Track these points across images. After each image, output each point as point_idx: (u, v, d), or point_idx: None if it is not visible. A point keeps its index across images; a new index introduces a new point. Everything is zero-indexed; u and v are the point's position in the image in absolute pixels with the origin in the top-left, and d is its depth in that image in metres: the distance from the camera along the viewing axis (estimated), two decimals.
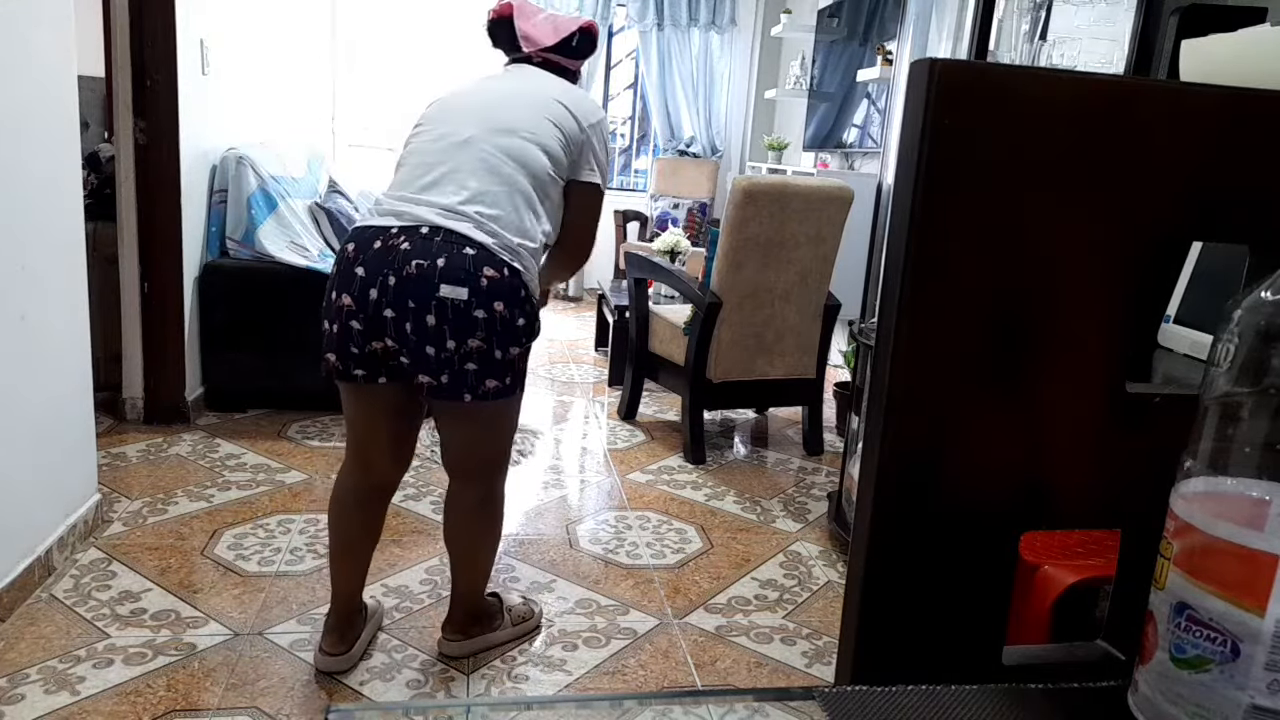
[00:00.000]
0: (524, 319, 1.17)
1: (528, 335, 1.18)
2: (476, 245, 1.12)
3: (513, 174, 1.18)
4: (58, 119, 1.59)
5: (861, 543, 0.40)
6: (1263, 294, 0.32)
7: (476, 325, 1.12)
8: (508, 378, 1.18)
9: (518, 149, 1.19)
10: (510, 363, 1.17)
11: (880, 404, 0.38)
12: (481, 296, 1.12)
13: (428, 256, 1.11)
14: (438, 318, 1.11)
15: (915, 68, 0.36)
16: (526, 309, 1.17)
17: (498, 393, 1.17)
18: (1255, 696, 0.30)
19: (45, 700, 1.24)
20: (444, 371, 1.14)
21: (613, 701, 0.34)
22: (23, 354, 1.49)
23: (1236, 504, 0.32)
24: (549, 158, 1.22)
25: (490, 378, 1.16)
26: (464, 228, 1.13)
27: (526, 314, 1.17)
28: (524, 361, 1.21)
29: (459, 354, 1.13)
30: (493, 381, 1.16)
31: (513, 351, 1.17)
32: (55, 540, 1.58)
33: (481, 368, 1.14)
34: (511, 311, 1.14)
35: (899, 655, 0.40)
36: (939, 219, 0.37)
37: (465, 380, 1.15)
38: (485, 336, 1.13)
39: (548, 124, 1.22)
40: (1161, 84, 0.43)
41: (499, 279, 1.13)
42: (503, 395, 1.18)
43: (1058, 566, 0.65)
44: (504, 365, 1.16)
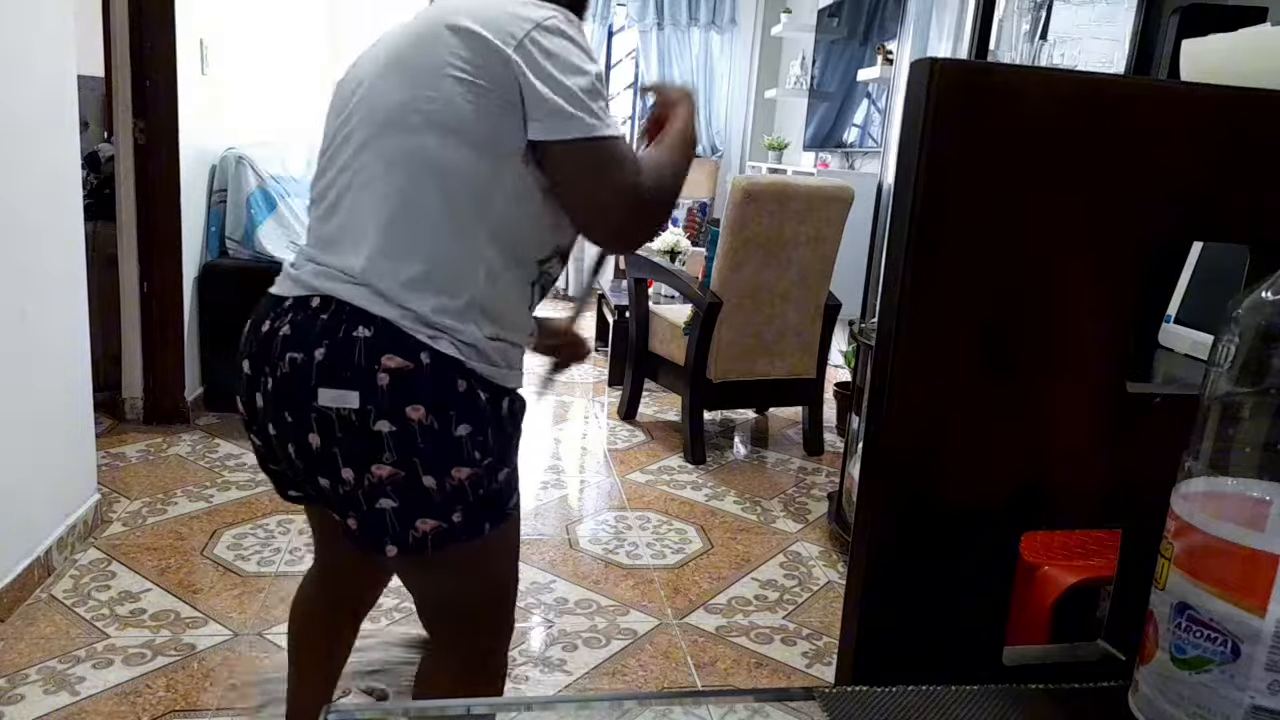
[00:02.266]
0: (468, 423, 0.72)
1: (479, 448, 0.73)
2: (374, 322, 0.70)
3: (415, 194, 0.71)
4: (57, 119, 1.59)
5: (862, 543, 0.40)
6: (1263, 294, 0.32)
7: (380, 445, 0.70)
8: (456, 513, 0.73)
9: (409, 151, 0.71)
10: (457, 491, 0.73)
11: (881, 404, 0.38)
12: (382, 400, 0.70)
13: (304, 346, 0.71)
14: (321, 437, 0.71)
15: (915, 67, 0.36)
16: (470, 407, 0.72)
17: (441, 537, 0.73)
18: (1256, 697, 0.30)
19: (45, 700, 1.24)
20: (349, 513, 0.74)
21: (613, 702, 0.34)
22: (22, 354, 1.49)
23: (1237, 504, 0.32)
24: (463, 134, 0.70)
25: (424, 517, 0.72)
26: (356, 296, 0.71)
27: (471, 413, 0.72)
28: (492, 479, 0.75)
29: (363, 488, 0.72)
30: (429, 522, 0.72)
31: (457, 475, 0.72)
32: (55, 540, 1.58)
33: (405, 504, 0.72)
34: (440, 417, 0.71)
35: (899, 656, 0.40)
36: (939, 219, 0.37)
37: (382, 524, 0.73)
38: (400, 460, 0.71)
39: (446, 79, 0.70)
40: (1162, 84, 0.43)
41: (409, 371, 0.70)
42: (452, 539, 0.73)
43: (1058, 567, 0.65)
44: (448, 496, 0.73)
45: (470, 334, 0.73)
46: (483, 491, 0.75)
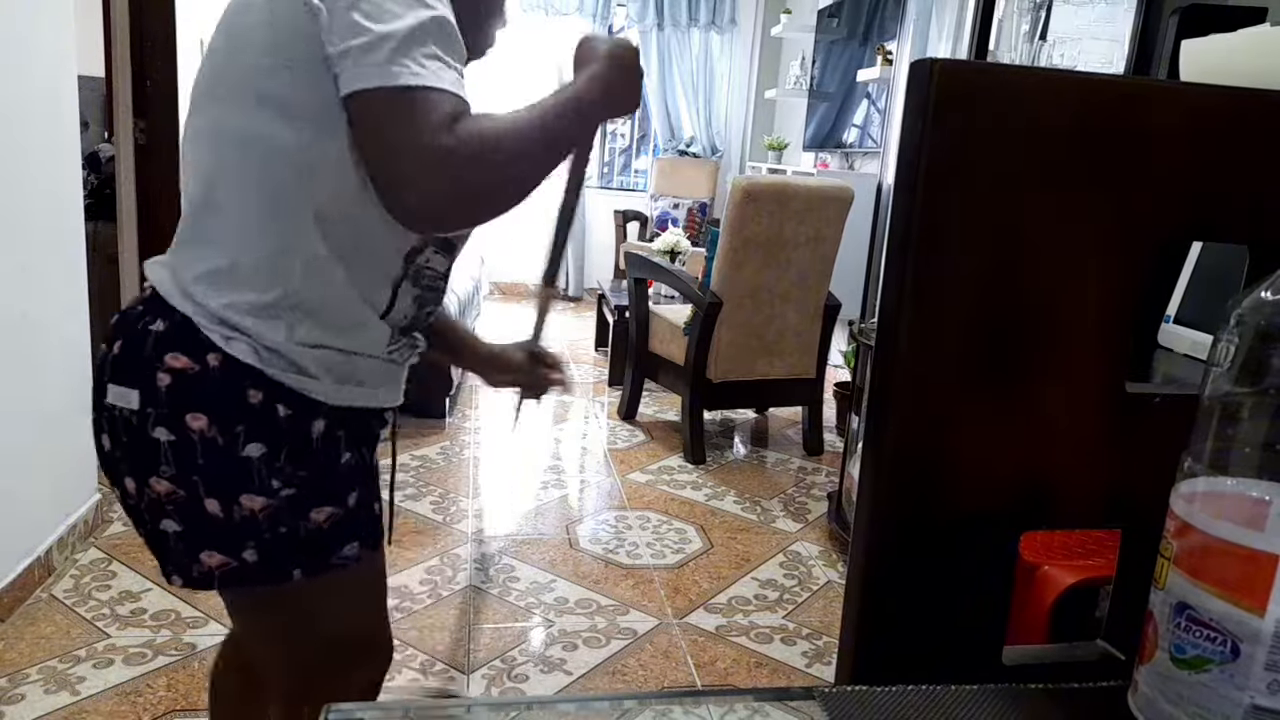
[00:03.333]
0: (260, 442, 0.61)
1: (276, 475, 0.61)
2: (172, 316, 0.61)
3: (219, 174, 0.61)
4: (58, 119, 1.59)
5: (861, 542, 0.40)
6: (1263, 294, 0.32)
7: (159, 455, 0.61)
8: (247, 550, 0.62)
9: (215, 125, 0.62)
10: (247, 523, 0.61)
11: (880, 404, 0.38)
12: (160, 404, 0.60)
13: (110, 338, 0.64)
14: (110, 439, 0.64)
15: (915, 68, 0.36)
16: (264, 424, 0.61)
17: (229, 576, 0.63)
18: (1255, 697, 0.30)
19: (45, 700, 1.24)
20: (139, 530, 0.65)
21: (613, 701, 0.34)
22: (23, 353, 1.49)
23: (1237, 504, 0.32)
24: (275, 103, 0.59)
25: (209, 549, 0.62)
26: (165, 286, 0.63)
27: (266, 432, 0.61)
28: (299, 516, 0.63)
29: (144, 503, 0.63)
30: (215, 556, 0.62)
31: (247, 504, 0.61)
32: (55, 540, 1.58)
33: (187, 530, 0.62)
34: (225, 431, 0.60)
35: (899, 655, 0.40)
36: (939, 219, 0.37)
37: (165, 548, 0.64)
38: (178, 476, 0.61)
39: (254, 41, 0.61)
40: (1162, 84, 0.43)
41: (193, 374, 0.60)
42: (244, 580, 0.63)
43: (1057, 566, 0.65)
44: (236, 528, 0.62)
45: (275, 338, 0.61)
46: (284, 530, 0.62)
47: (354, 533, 0.66)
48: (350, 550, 0.66)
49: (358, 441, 0.66)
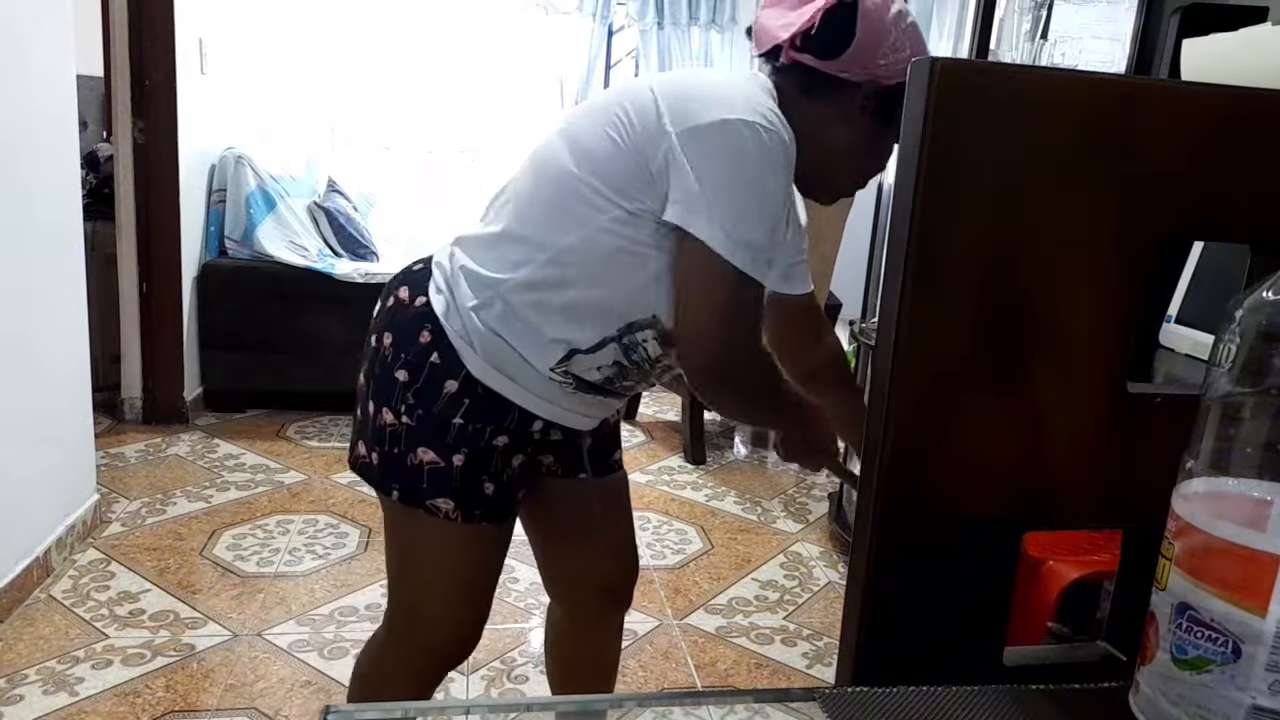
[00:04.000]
0: (407, 370, 0.71)
1: (404, 403, 0.71)
2: (429, 265, 0.77)
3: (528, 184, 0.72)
4: (56, 118, 1.59)
5: (862, 543, 0.39)
6: (1264, 294, 0.32)
7: (364, 354, 0.76)
8: (374, 453, 0.74)
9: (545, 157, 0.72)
10: (379, 432, 0.73)
11: (881, 404, 0.38)
12: (378, 320, 0.76)
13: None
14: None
15: (916, 67, 0.36)
16: (417, 358, 0.71)
17: (361, 468, 0.76)
18: (1257, 697, 0.30)
19: (44, 701, 1.24)
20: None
21: (613, 702, 0.34)
22: (21, 354, 1.49)
23: (1238, 504, 0.32)
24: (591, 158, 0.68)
25: (360, 439, 0.76)
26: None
27: (415, 365, 0.71)
28: (408, 446, 0.72)
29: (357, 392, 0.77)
30: (360, 446, 0.76)
31: (384, 416, 0.72)
32: (54, 541, 1.58)
33: (359, 420, 0.76)
34: (395, 352, 0.72)
35: (900, 656, 0.40)
36: (940, 219, 0.37)
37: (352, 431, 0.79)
38: (365, 373, 0.75)
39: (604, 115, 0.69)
40: (1163, 83, 0.43)
41: (402, 305, 0.74)
42: (366, 475, 0.76)
43: (1062, 561, 0.65)
44: (375, 432, 0.74)
45: (468, 306, 0.71)
46: (396, 451, 0.73)
47: (448, 489, 0.74)
48: (443, 503, 0.74)
49: (485, 419, 0.73)
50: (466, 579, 0.79)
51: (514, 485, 0.77)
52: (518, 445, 0.76)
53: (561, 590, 0.95)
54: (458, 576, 0.79)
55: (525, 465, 0.78)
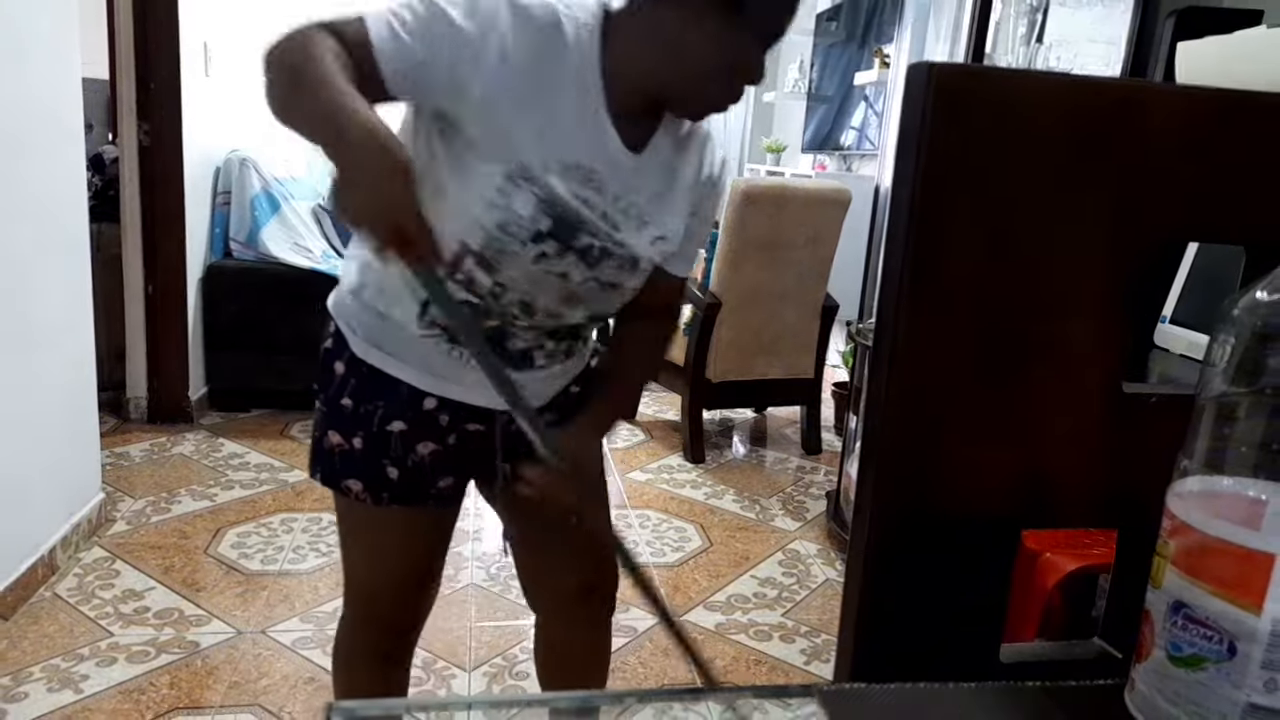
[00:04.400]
0: (318, 364, 0.77)
1: (316, 392, 0.77)
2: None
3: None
4: (62, 121, 1.60)
5: (860, 541, 0.40)
6: (1259, 294, 0.32)
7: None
8: (311, 437, 0.79)
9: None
10: (316, 417, 0.79)
11: (878, 404, 0.38)
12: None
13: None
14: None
15: (913, 70, 0.37)
16: (322, 349, 0.77)
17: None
18: (1252, 695, 0.30)
19: (49, 698, 1.24)
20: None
21: (613, 699, 0.35)
22: (27, 354, 1.49)
23: (1233, 503, 0.32)
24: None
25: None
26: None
27: (320, 355, 0.77)
28: (320, 430, 0.77)
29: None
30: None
31: (316, 403, 0.78)
32: (59, 539, 1.59)
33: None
34: (322, 346, 0.78)
35: (897, 653, 0.40)
36: (936, 221, 0.37)
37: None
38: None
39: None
40: (1158, 86, 0.43)
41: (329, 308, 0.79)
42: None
43: (1058, 554, 0.65)
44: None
45: (346, 289, 0.76)
46: (316, 435, 0.78)
47: (354, 470, 0.77)
48: (352, 484, 0.77)
49: (372, 398, 0.75)
50: (389, 558, 0.82)
51: (426, 472, 0.76)
52: (419, 430, 0.74)
53: (537, 595, 0.94)
54: (382, 555, 0.82)
55: (443, 455, 0.76)
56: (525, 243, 0.66)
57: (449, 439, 0.77)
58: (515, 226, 0.65)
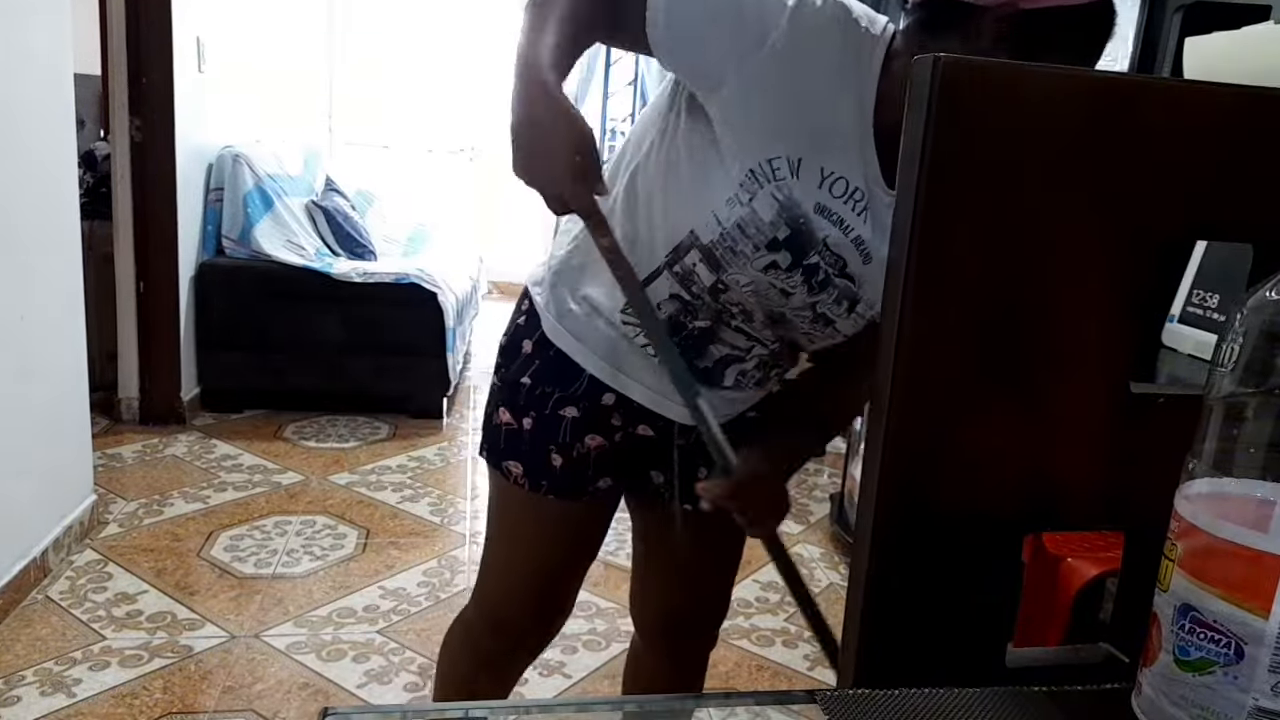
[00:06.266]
0: (505, 335, 0.79)
1: (496, 366, 0.78)
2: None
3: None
4: (53, 117, 1.58)
5: (864, 545, 0.39)
6: (1267, 294, 0.31)
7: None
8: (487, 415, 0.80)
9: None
10: (488, 395, 0.80)
11: (882, 405, 0.38)
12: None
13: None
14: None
15: (918, 65, 0.36)
16: (512, 323, 0.79)
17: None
18: (1260, 699, 0.30)
19: (41, 702, 1.23)
20: None
21: (613, 705, 0.34)
22: (18, 354, 1.48)
23: (1241, 505, 0.32)
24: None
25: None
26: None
27: (509, 328, 0.79)
28: (493, 406, 0.78)
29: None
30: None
31: (492, 379, 0.80)
32: (51, 542, 1.58)
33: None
34: (509, 320, 0.80)
35: (902, 658, 0.40)
36: (942, 218, 0.37)
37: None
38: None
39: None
40: (1165, 82, 0.43)
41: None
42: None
43: (1080, 558, 0.65)
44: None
45: (553, 264, 0.75)
46: (489, 410, 0.78)
47: (517, 452, 0.75)
48: (513, 466, 0.75)
49: (552, 382, 0.74)
50: (533, 553, 0.79)
51: (589, 467, 0.74)
52: (590, 422, 0.74)
53: (638, 610, 0.94)
54: (525, 549, 0.79)
55: (608, 453, 0.75)
56: (760, 247, 0.64)
57: (616, 437, 0.76)
58: (753, 228, 0.63)
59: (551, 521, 0.77)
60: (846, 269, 0.66)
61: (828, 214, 0.64)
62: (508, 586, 0.81)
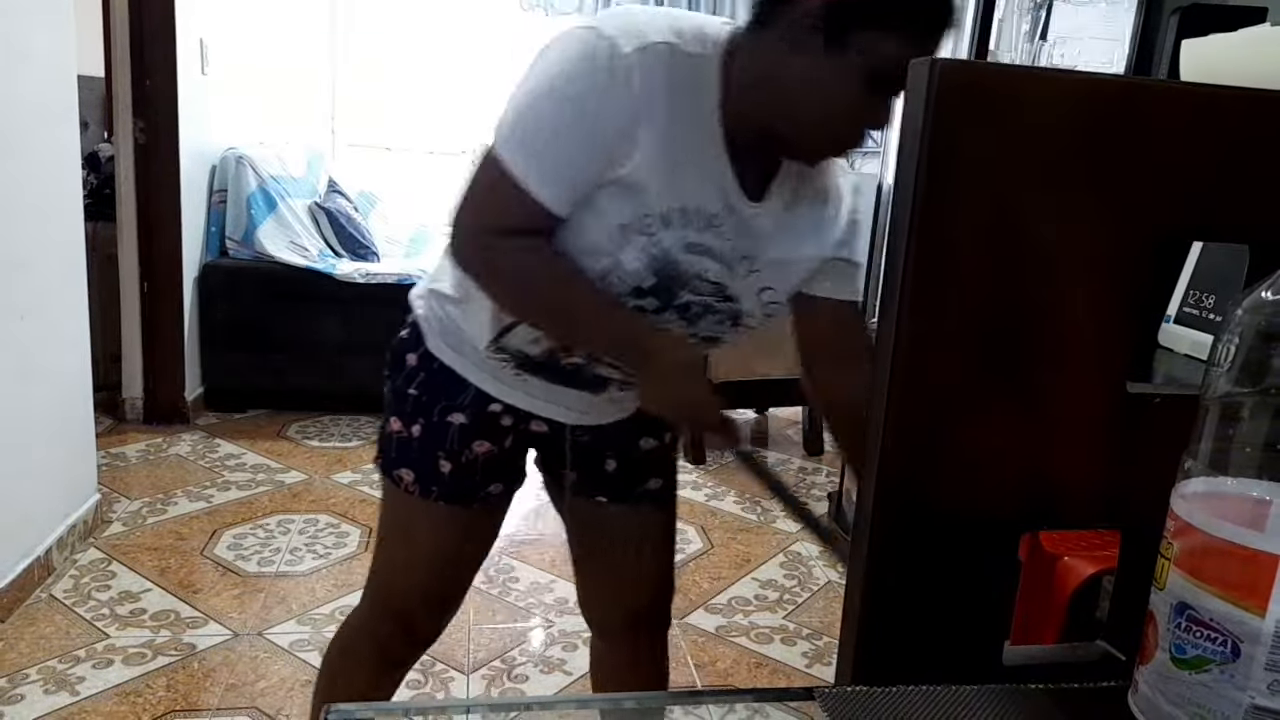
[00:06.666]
0: (389, 350, 0.79)
1: (385, 377, 0.79)
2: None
3: None
4: (57, 119, 1.59)
5: (862, 543, 0.40)
6: (1263, 294, 0.32)
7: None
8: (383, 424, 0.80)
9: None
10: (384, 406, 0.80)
11: (881, 404, 0.38)
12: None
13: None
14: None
15: (915, 67, 0.36)
16: (397, 337, 0.79)
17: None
18: (1256, 697, 0.30)
19: (45, 700, 1.24)
20: None
21: (613, 702, 0.34)
22: (22, 354, 1.49)
23: (1237, 504, 0.32)
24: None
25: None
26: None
27: (394, 342, 0.79)
28: (386, 420, 0.78)
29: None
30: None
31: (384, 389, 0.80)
32: (55, 540, 1.58)
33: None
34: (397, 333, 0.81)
35: (899, 656, 0.40)
36: (939, 220, 0.37)
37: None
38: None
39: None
40: (1162, 84, 0.43)
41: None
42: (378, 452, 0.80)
43: (1077, 556, 0.64)
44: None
45: (431, 288, 0.77)
46: (381, 421, 0.79)
47: (408, 459, 0.77)
48: (405, 474, 0.77)
49: (438, 394, 0.76)
50: (427, 554, 0.80)
51: (477, 473, 0.76)
52: (478, 429, 0.75)
53: (585, 611, 0.95)
54: (420, 550, 0.81)
55: (497, 459, 0.77)
56: (624, 295, 0.65)
57: (507, 441, 0.77)
58: (617, 278, 0.64)
59: (444, 525, 0.79)
60: (727, 291, 0.67)
61: (697, 249, 0.64)
62: (410, 584, 0.82)
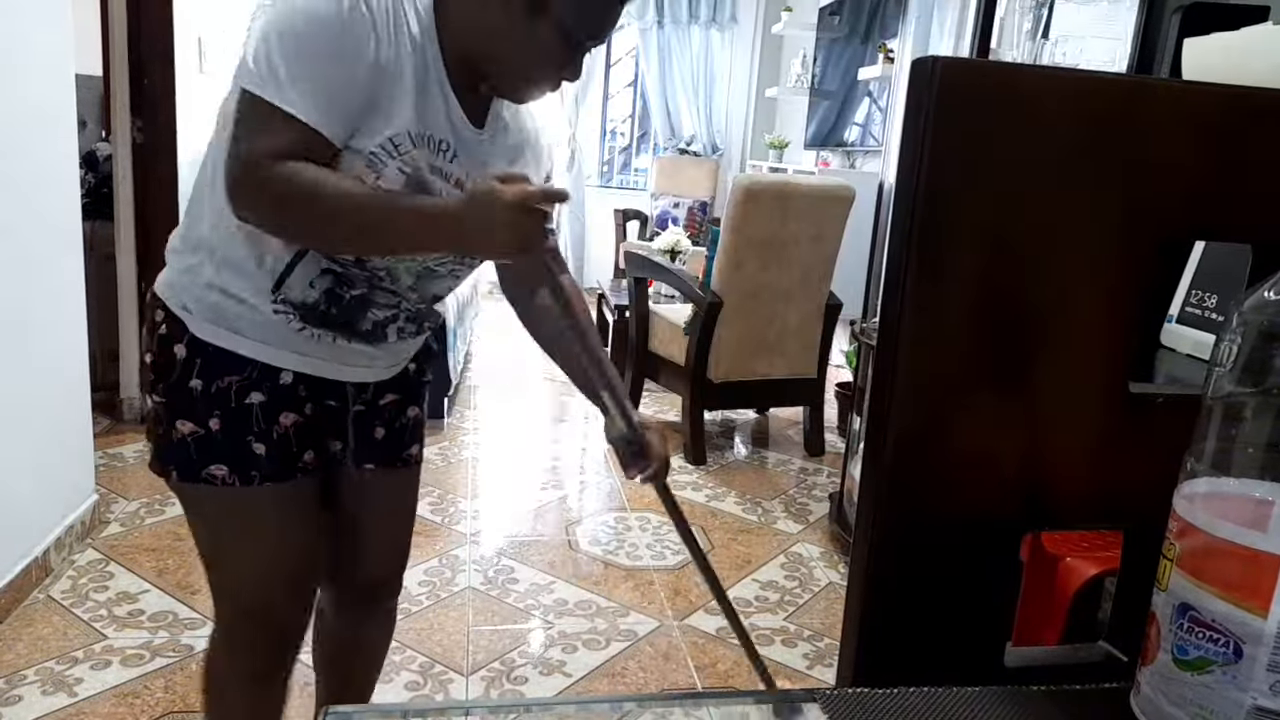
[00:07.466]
0: (149, 352, 0.76)
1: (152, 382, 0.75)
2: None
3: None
4: (55, 118, 1.59)
5: (863, 544, 0.39)
6: (1266, 294, 0.31)
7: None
8: (150, 443, 0.78)
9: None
10: (150, 420, 0.77)
11: (882, 404, 0.38)
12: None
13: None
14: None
15: (917, 66, 0.36)
16: (152, 336, 0.75)
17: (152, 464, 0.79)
18: (1258, 698, 0.30)
19: (43, 702, 1.24)
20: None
21: (613, 704, 0.34)
22: (20, 354, 1.49)
23: (1239, 505, 0.32)
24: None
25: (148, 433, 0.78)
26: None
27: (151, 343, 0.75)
28: (166, 424, 0.75)
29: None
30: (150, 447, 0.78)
31: (148, 403, 0.77)
32: (53, 541, 1.58)
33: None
34: (144, 338, 0.78)
35: (900, 657, 0.40)
36: (941, 218, 0.37)
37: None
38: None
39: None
40: (1164, 83, 0.43)
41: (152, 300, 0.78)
42: (155, 469, 0.78)
43: (1079, 557, 0.64)
44: (151, 416, 0.77)
45: (180, 271, 0.75)
46: (161, 431, 0.75)
47: (217, 455, 0.74)
48: (217, 470, 0.74)
49: (225, 375, 0.73)
50: (269, 539, 0.79)
51: (291, 444, 0.76)
52: (279, 401, 0.75)
53: (330, 576, 0.90)
54: (260, 539, 0.78)
55: (304, 427, 0.76)
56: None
57: (307, 409, 0.77)
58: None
59: (275, 505, 0.77)
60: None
61: (438, 172, 0.70)
62: (258, 575, 0.80)
